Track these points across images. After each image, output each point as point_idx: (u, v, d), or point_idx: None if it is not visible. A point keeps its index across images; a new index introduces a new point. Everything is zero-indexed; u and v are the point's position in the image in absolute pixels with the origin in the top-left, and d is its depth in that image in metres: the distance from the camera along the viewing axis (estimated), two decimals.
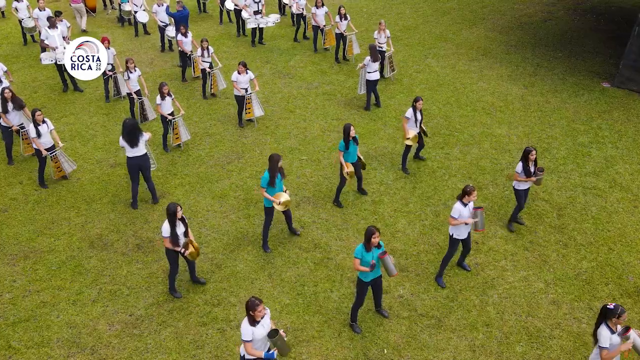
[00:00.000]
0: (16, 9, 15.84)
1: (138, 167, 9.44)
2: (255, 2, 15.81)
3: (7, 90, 10.50)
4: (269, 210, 8.58)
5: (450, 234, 7.80)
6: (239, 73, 11.70)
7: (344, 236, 9.06)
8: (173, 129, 11.24)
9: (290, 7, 17.43)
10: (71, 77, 13.63)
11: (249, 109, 12.07)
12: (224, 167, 10.90)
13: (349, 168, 9.36)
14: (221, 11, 17.91)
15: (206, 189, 10.25)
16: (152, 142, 11.39)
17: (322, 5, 15.15)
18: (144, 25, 17.07)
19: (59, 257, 8.72)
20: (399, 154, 11.12)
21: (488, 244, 8.79)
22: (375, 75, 12.43)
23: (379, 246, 6.87)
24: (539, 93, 13.41)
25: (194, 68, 14.05)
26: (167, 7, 15.04)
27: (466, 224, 7.58)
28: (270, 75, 14.55)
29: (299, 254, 8.73)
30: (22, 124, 10.81)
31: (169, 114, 11.11)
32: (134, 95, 12.10)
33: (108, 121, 12.53)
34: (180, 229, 7.51)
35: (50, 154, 10.09)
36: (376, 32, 13.59)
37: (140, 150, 9.31)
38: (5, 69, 12.11)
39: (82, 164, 10.98)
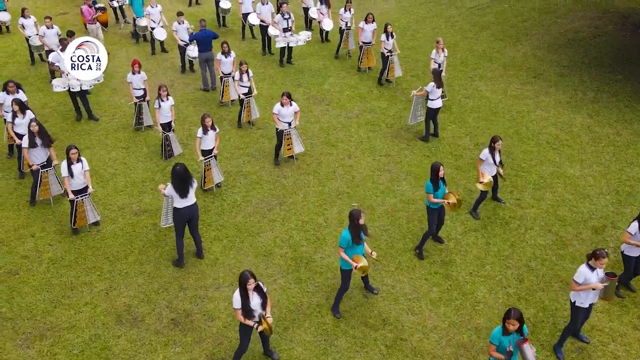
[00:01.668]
0: (22, 25, 14.46)
1: (188, 219, 8.13)
2: (285, 19, 14.46)
3: (34, 124, 9.19)
4: (346, 274, 7.35)
5: (572, 301, 6.74)
6: (282, 105, 10.34)
7: (416, 309, 7.70)
8: (205, 170, 9.88)
9: (319, 22, 16.11)
10: (85, 104, 12.27)
11: (289, 145, 10.71)
12: (265, 215, 9.54)
13: (450, 199, 8.02)
14: (244, 26, 16.54)
15: (247, 245, 8.89)
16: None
17: (373, 21, 13.81)
18: (161, 42, 15.70)
19: (81, 337, 7.35)
20: (462, 198, 9.77)
21: (589, 321, 7.42)
22: (439, 103, 11.10)
23: (520, 332, 5.74)
24: (606, 123, 12.07)
25: (223, 93, 12.68)
26: (190, 30, 13.64)
27: (593, 289, 6.51)
28: (304, 101, 13.18)
29: (366, 332, 7.37)
30: (46, 162, 9.52)
31: (207, 150, 9.80)
32: (159, 128, 10.76)
33: (128, 157, 11.16)
34: (254, 300, 6.29)
35: (78, 198, 8.75)
36: (434, 51, 12.29)
37: (191, 199, 8.00)
38: (25, 98, 10.74)
39: (102, 210, 9.60)
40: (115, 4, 17.28)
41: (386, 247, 8.78)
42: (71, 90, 11.86)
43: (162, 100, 10.64)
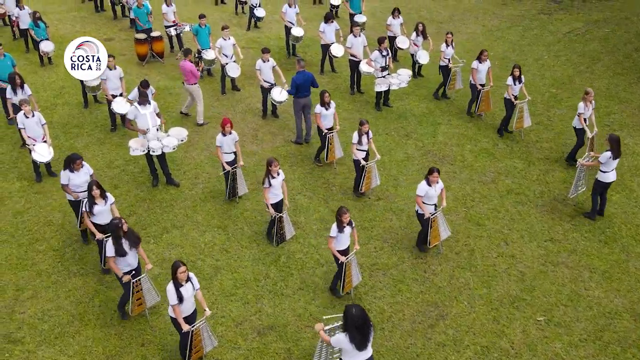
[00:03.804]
0: None
1: None
2: (383, 56, 12.26)
3: (125, 224, 6.97)
4: None
5: None
6: (429, 184, 8.17)
7: None
8: (345, 271, 7.70)
9: (412, 54, 13.94)
10: (164, 167, 10.05)
11: (435, 231, 8.51)
12: (428, 335, 7.36)
13: None
14: (324, 58, 14.36)
15: None
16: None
17: (487, 59, 11.66)
18: (233, 79, 13.52)
19: None
20: None
21: None
22: (613, 176, 8.97)
23: None
24: None
25: (328, 152, 10.48)
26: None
27: None
28: (420, 157, 11.01)
29: None
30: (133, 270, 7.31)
31: (343, 250, 7.63)
32: (271, 210, 8.56)
33: (228, 241, 8.97)
34: None
35: (193, 327, 6.57)
36: (581, 104, 10.11)
37: (368, 351, 5.80)
38: (91, 172, 8.54)
39: (213, 326, 7.42)
40: (173, 32, 15.10)
41: None
42: (151, 153, 9.69)
43: (273, 177, 8.45)
